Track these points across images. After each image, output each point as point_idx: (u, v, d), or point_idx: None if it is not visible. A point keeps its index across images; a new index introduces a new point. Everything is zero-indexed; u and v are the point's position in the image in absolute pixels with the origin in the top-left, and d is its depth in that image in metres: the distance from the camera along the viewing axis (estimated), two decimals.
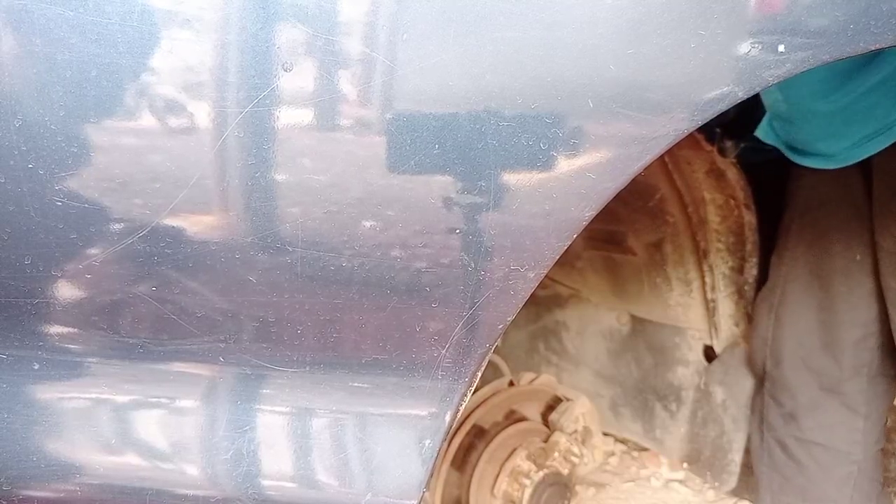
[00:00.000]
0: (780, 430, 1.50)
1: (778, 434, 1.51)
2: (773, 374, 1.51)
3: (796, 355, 1.46)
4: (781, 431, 1.50)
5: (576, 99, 0.57)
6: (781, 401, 1.50)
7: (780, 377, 1.49)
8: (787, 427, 1.49)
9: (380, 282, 0.64)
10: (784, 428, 1.49)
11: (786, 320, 1.47)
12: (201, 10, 0.54)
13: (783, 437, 1.50)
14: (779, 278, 1.49)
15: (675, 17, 0.55)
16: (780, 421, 1.50)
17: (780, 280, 1.49)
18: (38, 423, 0.67)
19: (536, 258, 0.63)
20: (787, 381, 1.48)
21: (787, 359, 1.48)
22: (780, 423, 1.50)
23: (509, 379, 1.61)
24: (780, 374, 1.49)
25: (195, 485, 0.69)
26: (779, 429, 1.51)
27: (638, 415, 1.94)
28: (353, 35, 0.55)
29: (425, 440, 0.70)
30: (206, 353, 0.67)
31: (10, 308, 0.63)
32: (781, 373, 1.49)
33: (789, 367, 1.47)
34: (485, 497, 1.46)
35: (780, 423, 1.50)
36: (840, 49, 0.57)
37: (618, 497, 1.91)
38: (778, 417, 1.51)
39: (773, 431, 1.52)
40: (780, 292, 1.49)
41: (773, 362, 1.51)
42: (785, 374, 1.48)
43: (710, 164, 1.47)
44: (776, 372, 1.50)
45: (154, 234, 0.60)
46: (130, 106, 0.55)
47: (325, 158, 0.58)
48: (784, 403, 1.49)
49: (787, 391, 1.48)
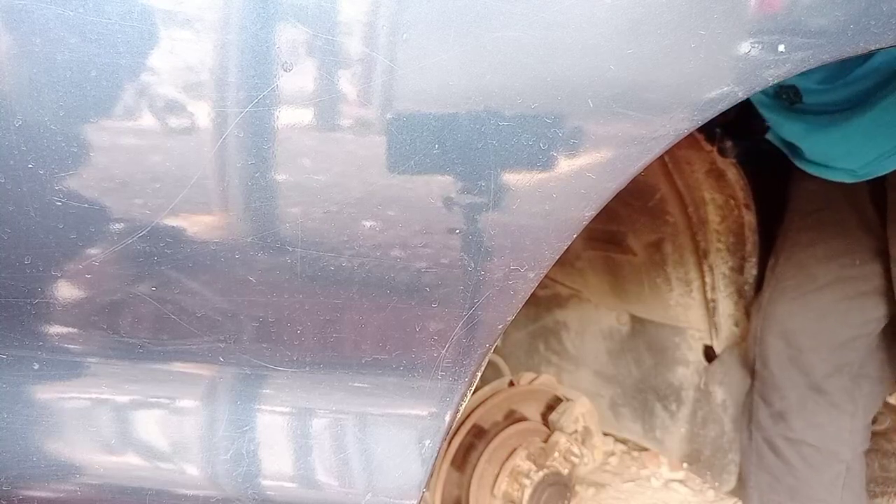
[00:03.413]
0: (770, 429, 1.49)
1: (767, 434, 1.50)
2: (762, 374, 1.51)
3: (784, 355, 1.46)
4: (771, 431, 1.49)
5: (576, 99, 0.57)
6: (771, 400, 1.49)
7: (769, 376, 1.49)
8: (777, 427, 1.48)
9: (380, 282, 0.64)
10: (773, 428, 1.49)
11: (774, 319, 1.47)
12: (201, 10, 0.54)
13: (772, 437, 1.49)
14: (771, 278, 1.49)
15: (675, 17, 0.55)
16: (769, 421, 1.50)
17: (772, 280, 1.49)
18: (38, 423, 0.67)
19: (536, 258, 0.63)
20: (776, 381, 1.48)
21: (775, 358, 1.47)
22: (769, 423, 1.50)
23: (509, 379, 1.61)
24: (768, 373, 1.49)
25: (195, 485, 0.69)
26: (768, 428, 1.50)
27: (638, 415, 1.94)
28: (353, 35, 0.55)
29: (425, 440, 0.70)
30: (206, 353, 0.67)
31: (10, 308, 0.63)
32: (770, 372, 1.49)
33: (777, 366, 1.47)
34: (485, 497, 1.46)
35: (769, 422, 1.50)
36: (840, 49, 0.57)
37: (618, 497, 1.90)
38: (767, 417, 1.50)
39: (762, 431, 1.52)
40: (769, 292, 1.49)
41: (761, 362, 1.51)
42: (773, 373, 1.48)
43: (710, 164, 1.47)
44: (765, 371, 1.50)
45: (154, 234, 0.60)
46: (130, 106, 0.55)
47: (325, 158, 0.58)
48: (773, 403, 1.48)
49: (777, 391, 1.48)
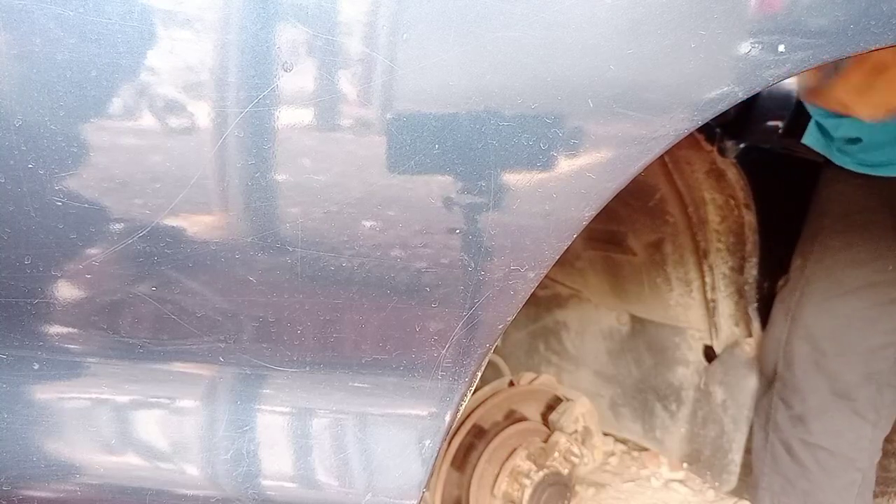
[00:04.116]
0: (787, 431, 1.50)
1: (784, 436, 1.50)
2: (785, 376, 1.51)
3: (810, 359, 1.46)
4: (788, 433, 1.50)
5: (576, 99, 0.57)
6: (791, 403, 1.49)
7: (792, 379, 1.49)
8: (795, 429, 1.48)
9: (380, 282, 0.63)
10: (791, 430, 1.49)
11: (802, 323, 1.47)
12: (201, 10, 0.54)
13: (789, 439, 1.49)
14: (800, 280, 1.48)
15: (675, 17, 0.55)
16: (787, 423, 1.50)
17: (800, 283, 1.48)
18: (38, 423, 0.67)
19: (536, 258, 0.63)
20: (799, 384, 1.48)
21: (800, 361, 1.47)
22: (787, 425, 1.50)
23: (509, 379, 1.61)
24: (791, 376, 1.49)
25: (195, 485, 0.69)
26: (786, 430, 1.50)
27: (638, 415, 1.94)
28: (353, 35, 0.55)
29: (425, 440, 0.70)
30: (206, 353, 0.67)
31: (10, 308, 0.63)
32: (793, 375, 1.49)
33: (801, 369, 1.47)
34: (485, 497, 1.46)
35: (787, 424, 1.50)
36: (840, 49, 0.57)
37: (618, 497, 1.91)
38: (786, 419, 1.50)
39: (779, 433, 1.52)
40: (798, 295, 1.48)
41: (785, 364, 1.51)
42: (797, 376, 1.48)
43: (710, 164, 1.47)
44: (788, 374, 1.50)
45: (154, 234, 0.60)
46: (130, 106, 0.55)
47: (325, 158, 0.58)
48: (793, 405, 1.49)
49: (798, 394, 1.48)
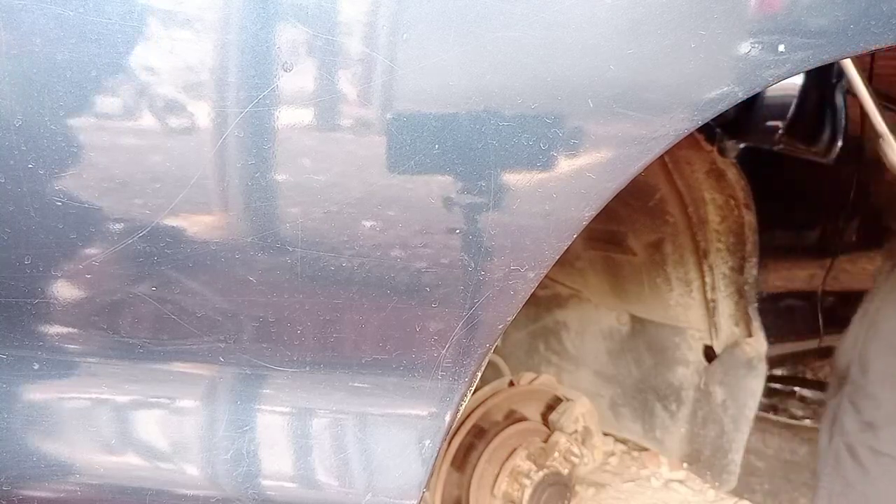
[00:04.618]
0: (854, 435, 1.50)
1: (850, 439, 1.51)
2: (859, 381, 1.51)
3: (888, 368, 1.46)
4: (855, 437, 1.50)
5: (576, 99, 0.57)
6: (861, 408, 1.49)
7: (866, 385, 1.49)
8: (863, 434, 1.49)
9: (380, 282, 0.63)
10: (859, 434, 1.49)
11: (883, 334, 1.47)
12: (201, 10, 0.54)
13: (855, 444, 1.49)
14: (883, 285, 1.49)
15: (675, 17, 0.55)
16: (855, 427, 1.50)
17: (884, 288, 1.48)
18: (39, 423, 0.67)
19: (536, 258, 0.63)
20: (873, 391, 1.48)
21: (877, 369, 1.47)
22: (855, 429, 1.50)
23: (509, 379, 1.61)
24: (866, 381, 1.49)
25: (195, 485, 0.69)
26: (852, 434, 1.50)
27: (638, 415, 1.94)
28: (353, 35, 0.55)
29: (425, 440, 0.70)
30: (206, 353, 0.67)
31: (10, 308, 0.63)
32: (868, 381, 1.49)
33: (877, 376, 1.47)
34: (485, 497, 1.46)
35: (855, 428, 1.50)
36: (840, 49, 0.57)
37: (618, 497, 1.91)
38: (854, 423, 1.50)
39: (844, 436, 1.52)
40: (879, 300, 1.48)
41: (860, 369, 1.51)
42: (871, 382, 1.48)
43: (710, 164, 1.47)
44: (862, 379, 1.50)
45: (154, 234, 0.60)
46: (130, 106, 0.55)
47: (325, 158, 0.58)
48: (863, 411, 1.49)
49: (871, 400, 1.48)
